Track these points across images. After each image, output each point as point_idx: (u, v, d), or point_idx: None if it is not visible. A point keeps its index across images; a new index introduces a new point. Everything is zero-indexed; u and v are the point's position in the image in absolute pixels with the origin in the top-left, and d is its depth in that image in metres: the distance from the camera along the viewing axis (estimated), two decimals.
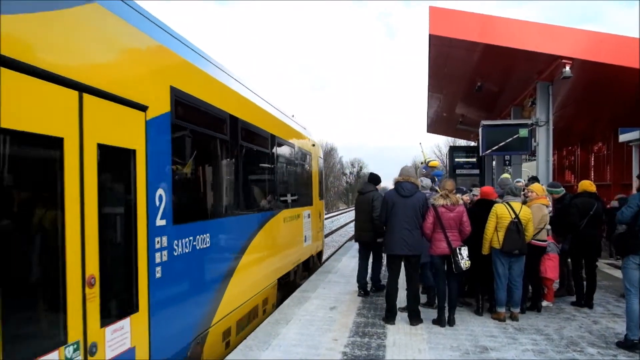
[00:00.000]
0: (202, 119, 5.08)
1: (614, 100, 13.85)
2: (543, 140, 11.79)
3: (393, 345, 5.47)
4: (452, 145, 35.50)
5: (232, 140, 5.85)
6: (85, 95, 3.09)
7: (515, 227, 6.23)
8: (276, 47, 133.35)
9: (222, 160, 5.71)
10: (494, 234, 6.38)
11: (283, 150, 8.60)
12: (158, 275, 3.95)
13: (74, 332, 2.91)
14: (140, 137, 3.75)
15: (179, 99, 4.40)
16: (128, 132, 3.62)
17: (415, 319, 6.24)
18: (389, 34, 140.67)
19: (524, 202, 6.76)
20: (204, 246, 4.91)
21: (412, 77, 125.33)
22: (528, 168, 25.62)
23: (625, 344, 5.41)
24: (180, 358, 4.40)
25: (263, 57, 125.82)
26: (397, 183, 6.36)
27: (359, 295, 7.94)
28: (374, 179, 8.45)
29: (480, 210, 6.76)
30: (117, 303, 3.50)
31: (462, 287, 7.08)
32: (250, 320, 6.60)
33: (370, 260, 8.29)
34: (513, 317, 6.44)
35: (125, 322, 3.52)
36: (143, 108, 3.80)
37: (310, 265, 11.26)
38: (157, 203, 3.97)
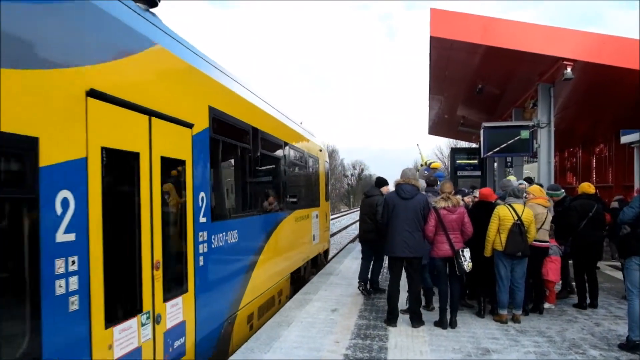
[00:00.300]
0: (231, 132, 5.88)
1: (615, 102, 13.83)
2: (544, 142, 11.78)
3: (395, 347, 5.46)
4: (453, 147, 35.45)
5: (254, 149, 6.64)
6: (153, 119, 3.90)
7: (518, 228, 6.23)
8: (277, 47, 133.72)
9: (247, 166, 6.47)
10: (496, 236, 6.38)
11: (295, 156, 9.37)
12: (201, 263, 4.75)
13: (146, 304, 3.75)
14: (188, 150, 4.58)
15: (215, 116, 5.22)
16: (180, 146, 4.45)
17: (416, 321, 6.24)
18: (390, 35, 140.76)
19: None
20: (233, 240, 5.72)
21: (414, 79, 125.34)
22: (530, 170, 25.59)
23: (628, 345, 5.40)
24: (216, 334, 5.21)
25: (264, 58, 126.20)
26: (398, 185, 6.37)
27: (358, 289, 8.05)
28: (380, 182, 8.58)
29: (479, 212, 6.76)
30: (174, 284, 4.28)
31: (463, 289, 7.07)
32: (268, 308, 7.37)
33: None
34: (515, 319, 6.43)
35: (179, 300, 4.32)
36: (190, 126, 4.61)
37: (318, 263, 11.89)
38: (200, 204, 4.78)
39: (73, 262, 2.93)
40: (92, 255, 3.11)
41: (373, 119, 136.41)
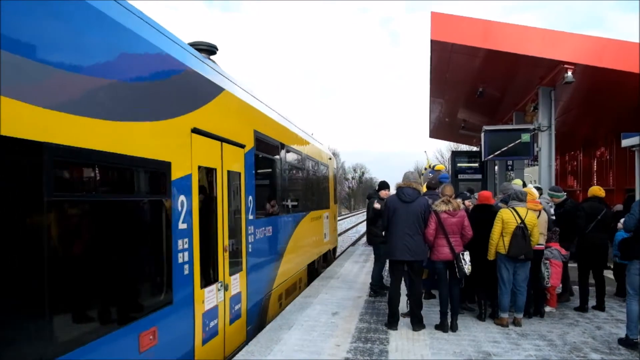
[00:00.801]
0: (267, 148, 7.44)
1: (616, 105, 13.84)
2: (545, 145, 11.79)
3: (395, 350, 5.45)
4: (454, 150, 35.44)
5: (282, 160, 8.29)
6: (223, 143, 5.45)
7: (521, 232, 6.21)
8: (278, 50, 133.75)
9: (277, 174, 8.06)
10: (499, 239, 6.37)
11: (310, 165, 10.94)
12: (250, 250, 6.28)
13: (220, 275, 5.29)
14: (242, 164, 6.09)
15: (257, 137, 6.76)
16: (237, 162, 5.94)
17: (417, 324, 6.22)
18: (392, 40, 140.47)
19: None
20: (268, 234, 7.28)
21: (415, 82, 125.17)
22: (530, 173, 25.55)
23: (626, 342, 5.54)
24: (258, 306, 6.78)
25: (265, 61, 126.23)
26: (399, 188, 6.36)
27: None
28: (380, 186, 8.85)
29: (478, 215, 6.75)
30: (234, 264, 5.78)
31: (463, 293, 7.06)
32: (292, 292, 8.97)
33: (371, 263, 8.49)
34: (516, 323, 6.41)
35: (237, 276, 5.86)
36: (243, 146, 6.14)
37: (328, 258, 13.38)
38: (249, 205, 6.31)
39: (185, 242, 4.41)
40: (194, 238, 4.59)
41: (374, 122, 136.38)
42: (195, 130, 4.68)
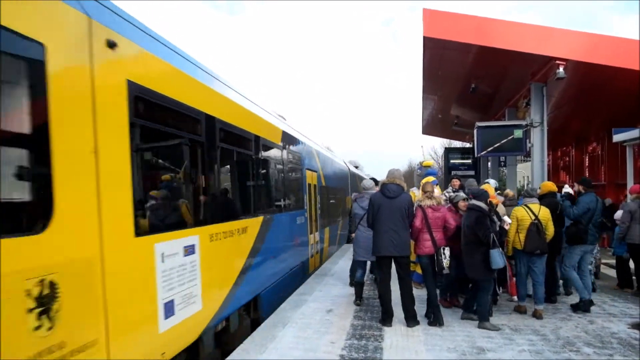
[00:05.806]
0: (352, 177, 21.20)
1: (607, 100, 13.92)
2: (538, 141, 11.84)
3: (390, 347, 5.47)
4: (447, 146, 35.53)
5: (355, 178, 21.33)
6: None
7: (536, 227, 6.53)
8: (272, 51, 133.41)
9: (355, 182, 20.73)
10: (515, 236, 6.71)
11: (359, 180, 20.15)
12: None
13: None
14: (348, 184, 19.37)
15: (352, 175, 21.33)
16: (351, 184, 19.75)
17: (411, 320, 6.24)
18: (393, 38, 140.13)
19: None
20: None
21: (411, 79, 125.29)
22: (523, 169, 25.66)
23: (584, 305, 6.73)
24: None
25: (268, 63, 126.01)
26: (383, 185, 6.41)
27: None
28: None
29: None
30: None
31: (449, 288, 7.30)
32: None
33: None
34: (537, 315, 6.61)
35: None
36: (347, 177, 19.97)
37: None
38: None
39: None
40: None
41: (368, 119, 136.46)
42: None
